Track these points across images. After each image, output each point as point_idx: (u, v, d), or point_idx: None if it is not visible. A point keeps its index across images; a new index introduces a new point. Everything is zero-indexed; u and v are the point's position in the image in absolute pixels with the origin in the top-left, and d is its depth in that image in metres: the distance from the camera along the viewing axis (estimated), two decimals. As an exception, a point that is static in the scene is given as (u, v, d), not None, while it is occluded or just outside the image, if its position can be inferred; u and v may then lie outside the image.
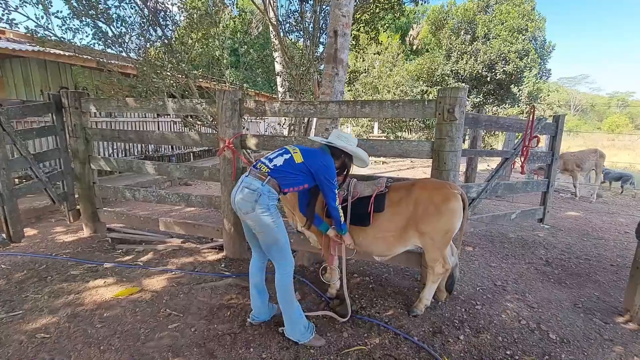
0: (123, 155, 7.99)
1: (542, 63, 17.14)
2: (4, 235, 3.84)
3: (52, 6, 4.47)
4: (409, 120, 17.77)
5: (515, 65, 15.88)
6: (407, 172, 10.59)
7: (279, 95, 6.78)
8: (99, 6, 4.51)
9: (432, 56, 19.60)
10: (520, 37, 16.03)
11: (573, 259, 3.82)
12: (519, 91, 16.34)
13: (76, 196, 4.35)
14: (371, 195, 2.48)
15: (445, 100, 2.60)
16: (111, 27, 4.70)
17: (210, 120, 5.18)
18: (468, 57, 16.91)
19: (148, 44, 5.05)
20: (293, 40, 6.61)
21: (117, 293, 2.81)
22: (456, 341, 2.31)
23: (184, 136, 3.61)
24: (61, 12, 4.57)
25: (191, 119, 6.01)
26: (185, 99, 3.60)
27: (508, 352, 2.22)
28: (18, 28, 4.56)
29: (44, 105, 4.03)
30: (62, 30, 4.65)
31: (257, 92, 11.54)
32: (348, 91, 17.64)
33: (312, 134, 3.47)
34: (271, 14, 6.06)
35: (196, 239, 4.02)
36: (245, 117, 4.72)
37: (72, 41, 4.78)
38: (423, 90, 18.28)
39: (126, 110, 3.82)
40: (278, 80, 6.84)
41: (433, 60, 18.93)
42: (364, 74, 17.60)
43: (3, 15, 4.26)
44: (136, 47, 5.00)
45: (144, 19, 4.84)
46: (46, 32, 4.54)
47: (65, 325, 2.39)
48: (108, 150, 7.55)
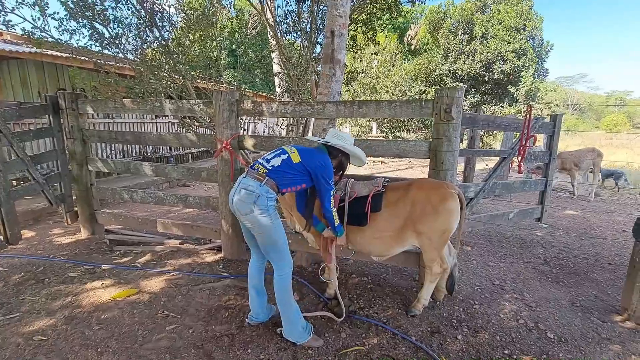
0: (121, 156, 7.97)
1: (540, 62, 17.18)
2: (1, 237, 3.83)
3: (49, 7, 4.45)
4: (408, 120, 17.80)
5: (512, 64, 15.92)
6: (406, 172, 10.60)
7: (277, 95, 6.79)
8: (96, 7, 4.50)
9: (430, 56, 19.65)
10: (517, 37, 16.08)
11: (571, 258, 3.83)
12: (517, 91, 16.37)
13: (74, 198, 4.35)
14: (368, 195, 2.48)
15: (442, 100, 2.61)
16: (108, 28, 4.69)
17: (207, 121, 5.17)
18: (466, 57, 16.96)
19: (145, 45, 5.05)
20: (290, 40, 6.62)
21: (115, 295, 2.80)
22: (454, 341, 2.31)
23: (182, 137, 3.61)
24: (58, 14, 4.55)
25: (189, 120, 6.01)
26: (182, 100, 3.60)
27: (506, 352, 2.22)
28: (15, 29, 4.55)
29: (41, 107, 4.02)
30: (59, 31, 4.64)
31: (255, 93, 11.53)
32: (346, 91, 17.65)
33: (310, 135, 3.46)
34: (268, 15, 6.07)
35: (194, 240, 4.01)
36: (243, 118, 4.72)
37: (69, 42, 4.76)
38: (421, 90, 18.32)
39: (124, 111, 3.82)
40: (276, 80, 6.85)
41: (431, 60, 18.98)
42: (362, 74, 17.62)
43: (-1, 16, 4.26)
44: (133, 48, 4.99)
45: (141, 20, 4.84)
46: (43, 34, 4.52)
47: (62, 327, 2.38)
48: (106, 151, 7.54)
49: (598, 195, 7.24)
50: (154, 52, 5.22)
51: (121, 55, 4.93)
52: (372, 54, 17.89)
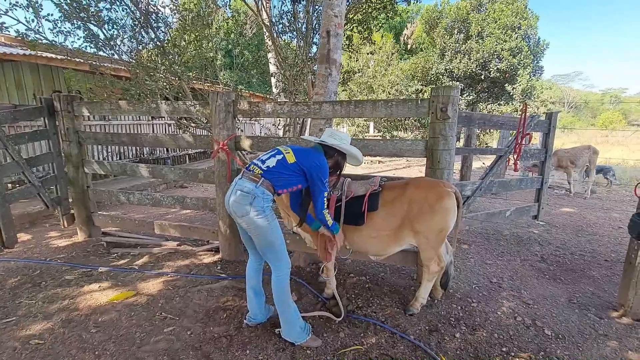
0: (117, 158, 7.94)
1: (536, 61, 17.24)
2: (-3, 241, 3.81)
3: (43, 9, 4.44)
4: (405, 119, 17.81)
5: (508, 62, 15.98)
6: (403, 171, 10.61)
7: (274, 96, 6.78)
8: (90, 9, 4.48)
9: (426, 55, 19.69)
10: (513, 35, 16.13)
11: (568, 255, 3.85)
12: (514, 89, 16.43)
13: (70, 200, 4.32)
14: (365, 194, 2.48)
15: (438, 99, 2.61)
16: (102, 30, 4.67)
17: (204, 122, 5.17)
18: (462, 56, 16.99)
19: (140, 46, 5.03)
20: (286, 41, 6.61)
21: (112, 297, 2.79)
22: (452, 339, 2.32)
23: (178, 138, 3.60)
24: (52, 15, 4.55)
25: (185, 121, 5.99)
26: (178, 101, 3.59)
27: (504, 349, 2.23)
28: (8, 32, 4.52)
29: (36, 109, 3.99)
30: (54, 33, 4.62)
31: (252, 93, 11.51)
32: (343, 91, 17.65)
33: (307, 135, 3.46)
34: (264, 15, 6.06)
35: (192, 242, 4.00)
36: (239, 119, 4.71)
37: (64, 44, 4.75)
38: (418, 89, 18.34)
39: (119, 113, 3.81)
40: (272, 81, 6.84)
41: (427, 59, 19.02)
42: (359, 74, 17.62)
43: (-7, 18, 4.23)
44: (128, 50, 4.97)
45: (136, 21, 4.82)
46: (37, 36, 4.51)
47: (59, 330, 2.37)
48: (102, 153, 7.50)
49: (594, 192, 7.28)
50: (150, 54, 5.20)
51: (116, 56, 4.91)
52: (369, 54, 17.90)
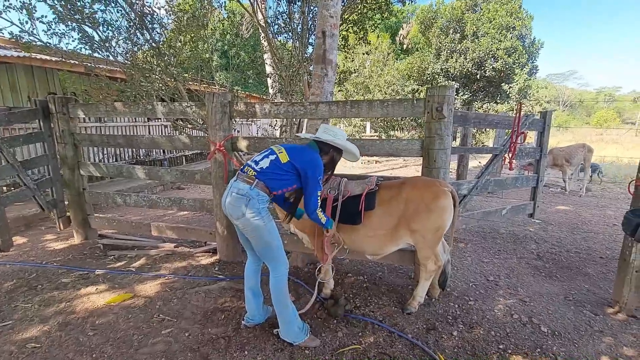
0: (114, 160, 7.90)
1: (531, 60, 17.35)
2: (-8, 244, 3.78)
3: (37, 11, 4.39)
4: (401, 119, 17.85)
5: (504, 62, 16.06)
6: (400, 171, 10.64)
7: (270, 96, 6.78)
8: (85, 10, 4.45)
9: (422, 55, 19.72)
10: (508, 35, 16.23)
11: (563, 253, 3.88)
12: (510, 88, 16.52)
13: (66, 203, 4.30)
14: (362, 193, 2.49)
15: (433, 98, 2.63)
16: (97, 31, 4.64)
17: (200, 123, 5.15)
18: (457, 56, 17.05)
19: (136, 48, 5.01)
20: (282, 41, 6.60)
21: (110, 300, 2.78)
22: (450, 337, 2.33)
23: (174, 140, 3.59)
24: (46, 17, 4.49)
25: (181, 123, 5.98)
26: (174, 103, 3.58)
27: (501, 347, 2.25)
28: (2, 34, 4.47)
29: (31, 111, 3.97)
30: (48, 35, 4.58)
31: (248, 94, 11.49)
32: (339, 91, 17.64)
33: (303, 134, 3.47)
34: (259, 16, 6.05)
35: (189, 243, 3.99)
36: (236, 120, 4.71)
37: (58, 46, 4.71)
38: (414, 89, 18.38)
39: (115, 114, 3.79)
40: (269, 81, 6.84)
41: (423, 59, 19.06)
42: (355, 74, 17.63)
43: (-15, 21, 4.20)
44: (124, 51, 4.95)
45: (131, 23, 4.80)
46: (31, 38, 4.47)
47: (56, 334, 2.36)
48: (98, 155, 7.46)
49: (589, 190, 7.34)
50: (145, 55, 5.18)
51: (112, 58, 4.88)
52: (364, 54, 17.91)
